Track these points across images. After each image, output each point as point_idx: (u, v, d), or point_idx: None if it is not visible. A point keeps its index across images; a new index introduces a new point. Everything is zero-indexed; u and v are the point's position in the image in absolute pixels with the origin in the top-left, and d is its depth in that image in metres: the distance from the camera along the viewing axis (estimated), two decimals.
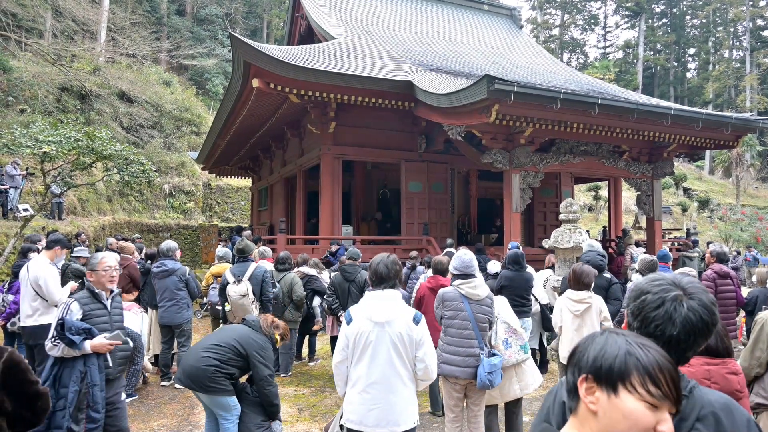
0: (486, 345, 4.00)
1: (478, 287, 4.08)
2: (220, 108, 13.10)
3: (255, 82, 9.80)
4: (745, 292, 7.27)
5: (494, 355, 3.90)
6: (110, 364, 3.56)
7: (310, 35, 16.34)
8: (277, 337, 4.10)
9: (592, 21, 57.25)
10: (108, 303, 3.72)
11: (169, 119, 25.33)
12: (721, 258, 5.92)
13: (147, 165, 11.09)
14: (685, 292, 1.29)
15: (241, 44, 9.81)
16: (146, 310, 6.90)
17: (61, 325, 3.32)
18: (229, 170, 20.77)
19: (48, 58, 20.54)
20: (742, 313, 6.23)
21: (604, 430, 1.06)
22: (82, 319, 3.47)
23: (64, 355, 3.35)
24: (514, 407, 4.30)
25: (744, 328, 6.19)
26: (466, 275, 4.10)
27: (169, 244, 6.48)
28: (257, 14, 41.44)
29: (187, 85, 31.73)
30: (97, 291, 3.63)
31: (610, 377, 1.05)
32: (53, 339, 3.32)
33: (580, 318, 4.56)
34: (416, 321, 2.98)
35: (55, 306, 5.20)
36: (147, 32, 26.59)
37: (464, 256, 4.19)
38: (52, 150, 9.50)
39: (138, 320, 5.91)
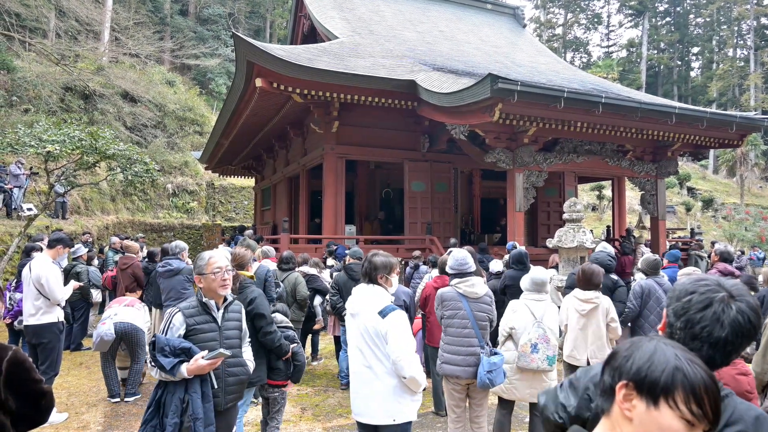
0: (487, 344, 3.97)
1: (476, 285, 4.05)
2: (224, 107, 13.11)
3: (258, 82, 9.81)
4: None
5: (495, 354, 3.88)
6: (215, 385, 2.83)
7: (313, 35, 16.34)
8: (248, 274, 4.05)
9: (596, 20, 57.12)
10: (219, 315, 2.94)
11: (173, 119, 25.38)
12: (725, 257, 5.89)
13: (150, 164, 11.10)
14: (730, 294, 1.26)
15: (244, 44, 9.81)
16: (150, 310, 6.92)
17: (153, 343, 2.71)
18: (232, 170, 20.80)
19: (52, 57, 20.59)
20: None
21: None
22: (185, 336, 2.79)
23: (164, 379, 2.73)
24: (537, 411, 4.24)
25: None
26: (462, 273, 4.08)
27: (178, 243, 6.48)
28: (260, 14, 41.47)
29: (191, 85, 31.79)
30: (205, 300, 2.91)
31: (653, 389, 1.03)
32: (150, 360, 2.74)
33: (586, 318, 4.53)
34: (383, 314, 2.92)
35: (58, 305, 5.21)
36: (150, 32, 26.65)
37: (458, 254, 4.17)
38: (56, 149, 9.52)
39: (141, 316, 5.92)
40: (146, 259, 7.76)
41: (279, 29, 41.07)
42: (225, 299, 2.99)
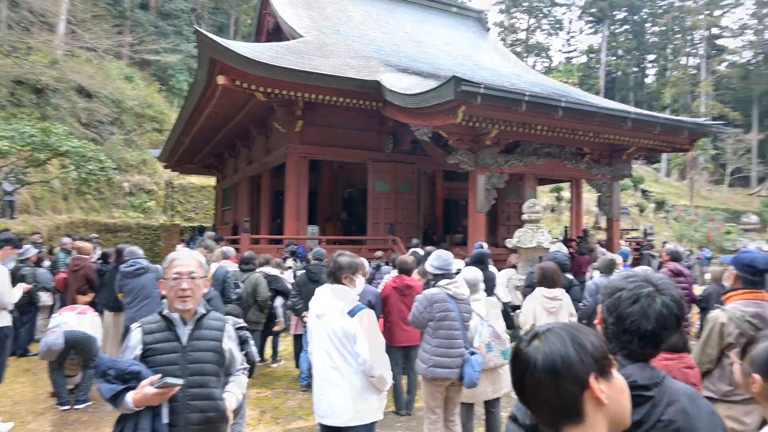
0: (467, 344, 4.02)
1: (461, 286, 4.09)
2: (184, 105, 12.83)
3: (220, 79, 9.63)
4: (698, 290, 7.54)
5: (474, 353, 3.93)
6: (164, 420, 2.17)
7: (278, 33, 16.16)
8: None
9: (557, 26, 58.54)
10: (185, 332, 2.30)
11: (131, 116, 24.66)
12: (675, 257, 6.13)
13: (106, 162, 10.81)
14: (656, 288, 1.35)
15: (206, 40, 9.62)
16: (102, 313, 6.68)
17: (97, 366, 2.23)
18: (192, 168, 20.37)
19: (2, 49, 19.71)
20: (695, 309, 6.45)
21: (613, 416, 1.06)
22: (142, 356, 2.23)
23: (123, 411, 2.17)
24: (492, 407, 4.31)
25: (697, 324, 6.41)
26: (448, 274, 4.10)
27: (133, 250, 6.18)
28: (224, 10, 40.74)
29: (150, 81, 30.94)
30: (166, 312, 2.31)
31: (604, 362, 1.07)
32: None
33: (554, 315, 4.60)
34: (352, 314, 2.93)
35: (4, 309, 4.97)
36: (108, 25, 25.85)
37: (444, 254, 4.18)
38: (5, 145, 9.14)
39: (94, 324, 5.71)
40: (100, 261, 7.48)
41: (243, 26, 40.43)
42: (196, 312, 2.33)
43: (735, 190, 45.66)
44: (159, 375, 2.14)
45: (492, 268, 6.53)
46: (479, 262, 6.14)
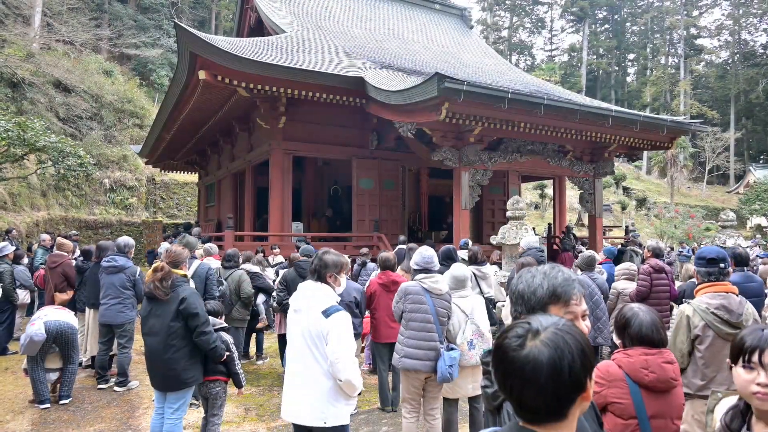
0: (444, 339, 4.04)
1: (440, 282, 4.14)
2: (165, 100, 12.64)
3: (201, 74, 9.49)
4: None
5: (452, 349, 3.97)
6: None
7: (260, 28, 16.01)
8: (181, 272, 3.90)
9: (539, 24, 59.00)
10: None
11: (110, 111, 24.21)
12: (656, 253, 6.22)
13: (85, 158, 10.60)
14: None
15: (186, 34, 9.49)
16: (83, 310, 6.58)
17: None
18: (174, 165, 20.09)
19: None
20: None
21: (584, 407, 1.10)
22: None
23: None
24: (476, 403, 4.34)
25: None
26: (428, 270, 4.13)
27: (126, 240, 6.19)
28: (205, 5, 40.23)
29: (130, 76, 30.40)
30: None
31: (593, 362, 1.10)
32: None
33: None
34: (327, 314, 2.86)
35: None
36: (86, 18, 25.34)
37: (426, 251, 4.23)
38: None
39: (73, 317, 5.63)
40: (81, 258, 7.36)
41: (225, 21, 40.01)
42: None
43: (714, 187, 46.61)
44: None
45: (488, 267, 6.60)
46: (448, 258, 6.12)
